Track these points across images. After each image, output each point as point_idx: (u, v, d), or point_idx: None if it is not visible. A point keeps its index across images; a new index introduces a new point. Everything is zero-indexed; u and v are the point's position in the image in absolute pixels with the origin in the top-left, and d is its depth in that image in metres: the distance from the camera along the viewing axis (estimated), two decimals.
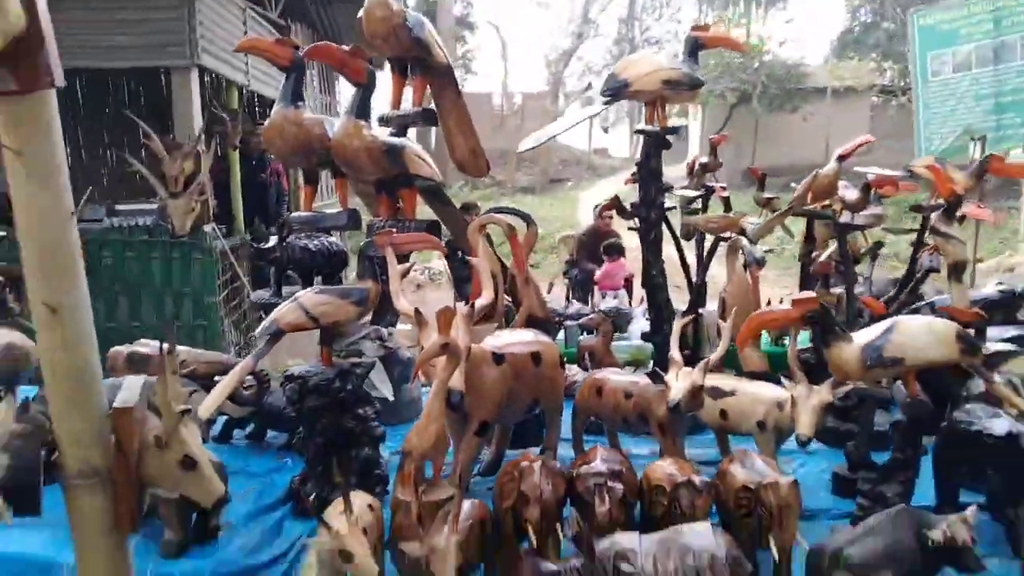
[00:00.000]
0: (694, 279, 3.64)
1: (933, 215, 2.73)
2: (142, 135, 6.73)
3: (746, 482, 2.06)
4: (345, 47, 3.35)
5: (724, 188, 3.77)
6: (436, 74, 3.56)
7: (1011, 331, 3.08)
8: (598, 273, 5.48)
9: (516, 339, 2.67)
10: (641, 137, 3.65)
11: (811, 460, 2.90)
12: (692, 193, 3.70)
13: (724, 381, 2.71)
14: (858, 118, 24.89)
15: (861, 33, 28.88)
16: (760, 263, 3.29)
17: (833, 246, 3.57)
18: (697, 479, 2.10)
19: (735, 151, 24.82)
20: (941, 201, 2.81)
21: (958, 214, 2.98)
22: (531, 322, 3.18)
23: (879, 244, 3.70)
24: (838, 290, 3.40)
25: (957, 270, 2.62)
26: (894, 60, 25.04)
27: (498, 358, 2.50)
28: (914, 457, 2.29)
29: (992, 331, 3.08)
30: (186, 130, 7.73)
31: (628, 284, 5.89)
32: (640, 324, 4.32)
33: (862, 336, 2.17)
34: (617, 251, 5.80)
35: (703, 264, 3.59)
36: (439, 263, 10.03)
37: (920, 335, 2.14)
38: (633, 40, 32.05)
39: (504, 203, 21.84)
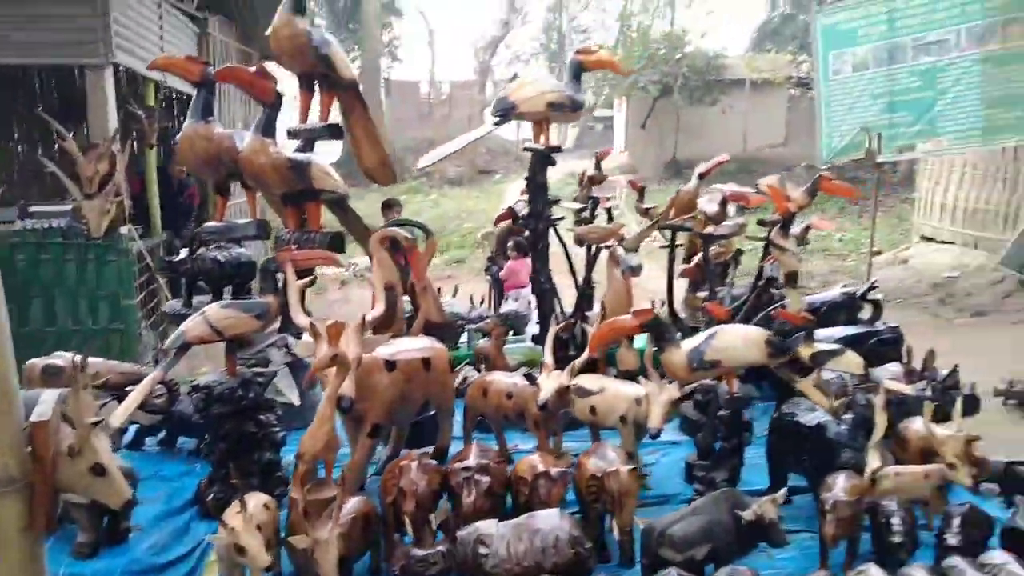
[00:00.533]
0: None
1: (775, 229, 3.11)
2: (56, 135, 6.70)
3: (594, 471, 2.39)
4: (252, 68, 3.56)
5: (608, 199, 4.11)
6: (342, 89, 3.78)
7: (851, 330, 3.51)
8: (503, 271, 5.73)
9: (408, 346, 2.94)
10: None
11: (674, 450, 3.27)
12: (576, 205, 4.03)
13: (593, 381, 3.04)
14: (775, 110, 25.80)
15: (780, 24, 29.89)
16: (635, 271, 3.64)
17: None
18: (554, 470, 2.42)
19: (658, 143, 25.49)
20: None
21: (802, 226, 3.39)
22: (429, 328, 3.46)
23: (739, 252, 4.09)
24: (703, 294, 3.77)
25: (791, 279, 3.00)
26: (809, 53, 26.03)
27: (390, 365, 2.77)
28: (738, 446, 2.66)
29: (835, 330, 3.52)
30: (101, 128, 7.68)
31: None
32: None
33: (690, 342, 2.52)
34: (522, 249, 6.07)
35: (587, 271, 3.92)
36: (364, 259, 10.18)
37: (735, 341, 2.50)
38: (561, 28, 32.46)
39: (432, 195, 21.90)
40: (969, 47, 10.91)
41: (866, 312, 3.76)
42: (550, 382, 2.73)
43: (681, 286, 4.11)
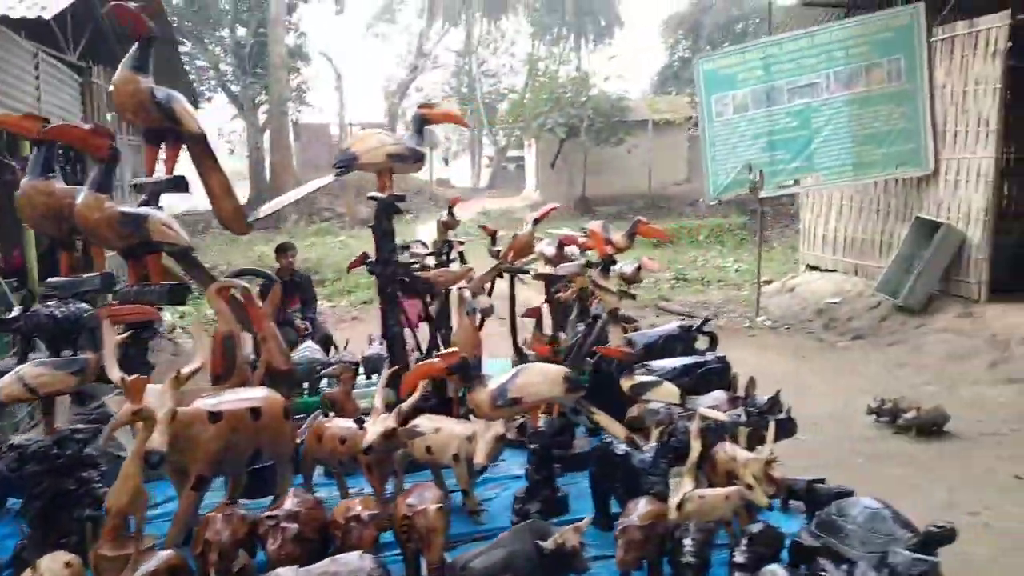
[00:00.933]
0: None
1: (595, 271, 3.28)
2: None
3: (405, 511, 2.45)
4: (87, 125, 3.56)
5: (462, 243, 4.23)
6: (191, 142, 3.81)
7: (683, 361, 3.69)
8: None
9: (237, 396, 2.95)
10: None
11: (515, 484, 3.34)
12: (424, 251, 4.14)
13: (428, 421, 3.11)
14: (677, 148, 26.86)
15: (680, 68, 31.25)
16: (486, 311, 3.77)
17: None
18: (365, 513, 2.47)
19: (568, 182, 26.15)
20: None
21: (634, 267, 3.58)
22: (275, 376, 3.48)
23: (584, 290, 4.26)
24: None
25: (613, 316, 3.17)
26: None
27: (214, 416, 2.77)
28: (549, 478, 2.77)
29: (669, 361, 3.70)
30: None
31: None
32: None
33: (495, 380, 2.64)
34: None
35: (439, 314, 4.02)
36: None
37: (536, 378, 2.63)
38: (471, 72, 33.10)
39: (342, 236, 21.75)
40: (837, 89, 11.68)
41: (703, 343, 3.97)
42: (376, 426, 2.79)
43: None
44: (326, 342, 8.42)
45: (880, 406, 7.62)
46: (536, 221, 3.77)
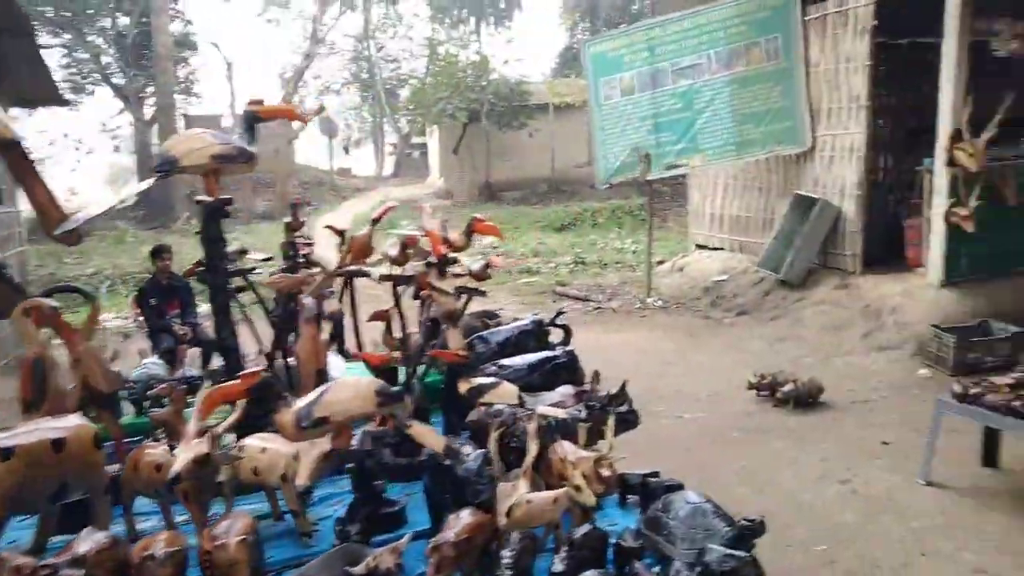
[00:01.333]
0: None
1: (432, 272, 3.17)
2: None
3: (206, 546, 2.29)
4: None
5: (310, 244, 4.05)
6: (4, 150, 3.49)
7: (533, 357, 3.63)
8: None
9: (37, 428, 2.72)
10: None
11: None
12: (260, 255, 3.95)
13: (256, 441, 2.94)
14: (578, 131, 27.02)
15: (579, 51, 31.46)
16: (327, 317, 3.60)
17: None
18: (161, 551, 2.29)
19: (471, 168, 26.02)
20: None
21: (483, 263, 3.49)
22: (96, 398, 3.24)
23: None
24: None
25: (451, 318, 3.07)
26: None
27: (4, 453, 2.54)
28: (371, 497, 2.67)
29: (519, 359, 3.64)
30: None
31: None
32: None
33: (303, 399, 2.50)
34: None
35: (282, 321, 3.84)
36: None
37: (345, 394, 2.51)
38: (370, 58, 32.43)
39: (238, 230, 21.04)
40: (719, 70, 11.90)
41: (557, 336, 3.93)
42: (186, 452, 2.61)
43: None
44: (209, 348, 8.04)
45: (759, 381, 7.84)
46: (375, 221, 3.63)
